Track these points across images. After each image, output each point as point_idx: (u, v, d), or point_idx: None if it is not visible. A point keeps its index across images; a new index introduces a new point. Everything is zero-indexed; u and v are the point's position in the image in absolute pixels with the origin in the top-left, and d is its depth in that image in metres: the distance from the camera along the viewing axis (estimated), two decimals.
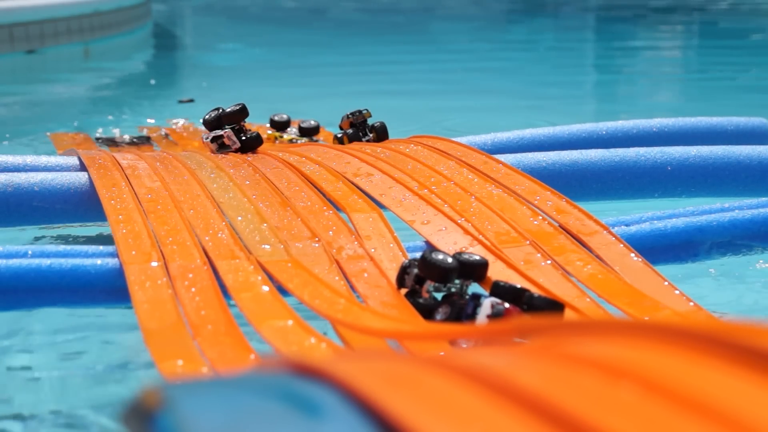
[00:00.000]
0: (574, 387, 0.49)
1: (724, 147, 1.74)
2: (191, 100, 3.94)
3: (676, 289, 1.22)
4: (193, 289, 1.17)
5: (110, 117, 3.58)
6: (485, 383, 0.50)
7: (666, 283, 1.24)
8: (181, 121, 2.92)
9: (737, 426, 0.44)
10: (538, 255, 1.31)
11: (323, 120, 2.62)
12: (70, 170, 1.68)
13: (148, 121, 3.22)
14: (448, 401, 0.49)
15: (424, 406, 0.49)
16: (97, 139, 2.72)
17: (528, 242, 1.34)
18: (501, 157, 1.66)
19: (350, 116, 2.00)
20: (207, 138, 1.84)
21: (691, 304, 1.19)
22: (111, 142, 2.67)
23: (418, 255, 1.24)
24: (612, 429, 0.44)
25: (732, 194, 1.69)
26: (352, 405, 0.50)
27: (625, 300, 1.19)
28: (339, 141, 1.96)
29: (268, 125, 2.56)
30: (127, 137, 2.74)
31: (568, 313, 1.14)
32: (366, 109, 2.01)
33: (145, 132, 2.85)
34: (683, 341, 0.52)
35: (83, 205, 1.55)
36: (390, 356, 0.75)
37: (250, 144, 1.81)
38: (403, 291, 1.21)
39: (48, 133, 2.84)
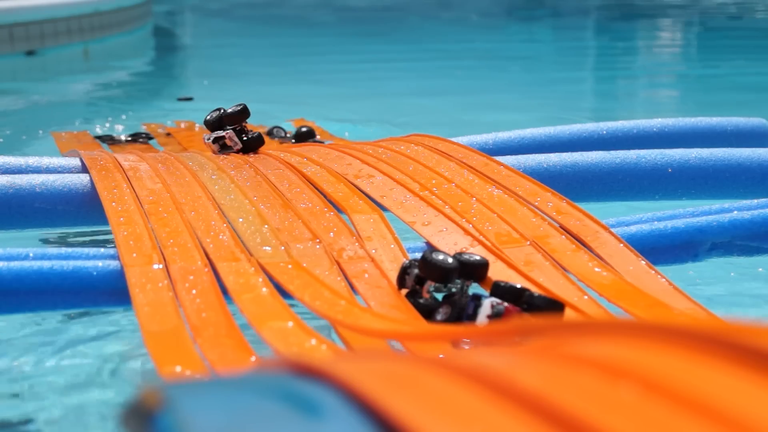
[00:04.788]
0: (574, 387, 0.49)
1: (724, 149, 1.74)
2: (190, 98, 3.94)
3: (677, 289, 1.22)
4: (193, 291, 1.17)
5: (110, 116, 3.59)
6: (485, 383, 0.50)
7: (667, 282, 1.24)
8: (184, 123, 2.93)
9: (737, 426, 0.44)
10: (539, 255, 1.31)
11: (324, 118, 2.64)
12: (71, 172, 1.68)
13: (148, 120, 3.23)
14: (448, 401, 0.49)
15: (424, 406, 0.49)
16: (98, 137, 2.73)
17: (528, 242, 1.34)
18: (502, 159, 1.66)
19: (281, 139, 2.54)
20: (209, 139, 1.84)
21: (692, 303, 1.19)
22: (111, 140, 2.68)
23: (418, 255, 1.24)
24: (612, 429, 0.44)
25: (732, 196, 1.69)
26: (352, 405, 0.50)
27: (626, 300, 1.19)
28: None
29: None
30: (127, 135, 2.76)
31: (568, 313, 1.14)
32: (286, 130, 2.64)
33: (144, 128, 2.87)
34: (683, 341, 0.52)
35: (85, 206, 1.55)
36: (390, 357, 0.75)
37: (252, 144, 1.81)
38: (404, 291, 1.21)
39: (51, 132, 2.86)
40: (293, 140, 2.58)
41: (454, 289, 1.19)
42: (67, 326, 1.52)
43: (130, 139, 2.70)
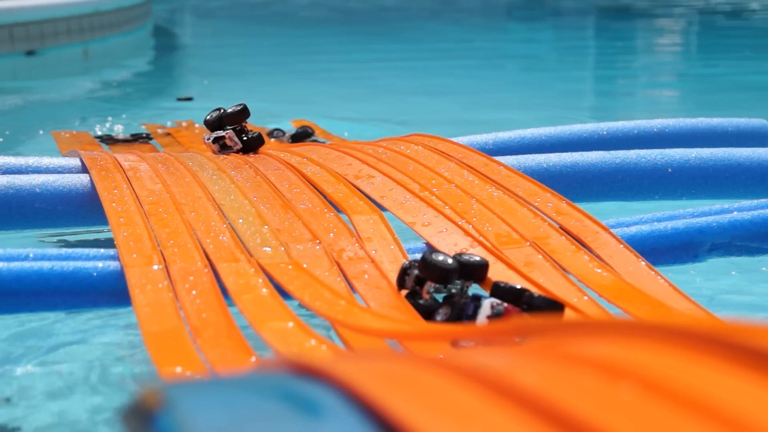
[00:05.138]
0: (574, 387, 0.49)
1: (724, 149, 1.74)
2: (190, 98, 3.94)
3: (677, 290, 1.22)
4: (193, 292, 1.17)
5: (110, 116, 3.59)
6: (485, 383, 0.50)
7: (666, 283, 1.24)
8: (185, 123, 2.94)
9: (737, 426, 0.44)
10: (539, 256, 1.31)
11: (325, 117, 2.65)
12: (71, 172, 1.68)
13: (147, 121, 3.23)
14: (448, 401, 0.49)
15: (424, 406, 0.49)
16: (98, 137, 2.74)
17: (528, 243, 1.34)
18: (501, 159, 1.66)
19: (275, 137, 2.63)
20: (209, 139, 1.84)
21: (692, 304, 1.19)
22: (111, 140, 2.69)
23: (418, 256, 1.24)
24: (612, 429, 0.44)
25: (732, 196, 1.69)
26: (352, 405, 0.50)
27: (625, 300, 1.19)
28: None
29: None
30: (127, 135, 2.76)
31: (568, 313, 1.14)
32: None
33: (144, 128, 2.88)
34: (683, 341, 0.52)
35: (85, 207, 1.55)
36: (390, 357, 0.75)
37: (252, 144, 1.81)
38: (404, 292, 1.21)
39: (51, 132, 2.86)
40: (290, 140, 2.58)
41: (453, 290, 1.19)
42: (59, 328, 1.52)
43: (130, 138, 2.70)
